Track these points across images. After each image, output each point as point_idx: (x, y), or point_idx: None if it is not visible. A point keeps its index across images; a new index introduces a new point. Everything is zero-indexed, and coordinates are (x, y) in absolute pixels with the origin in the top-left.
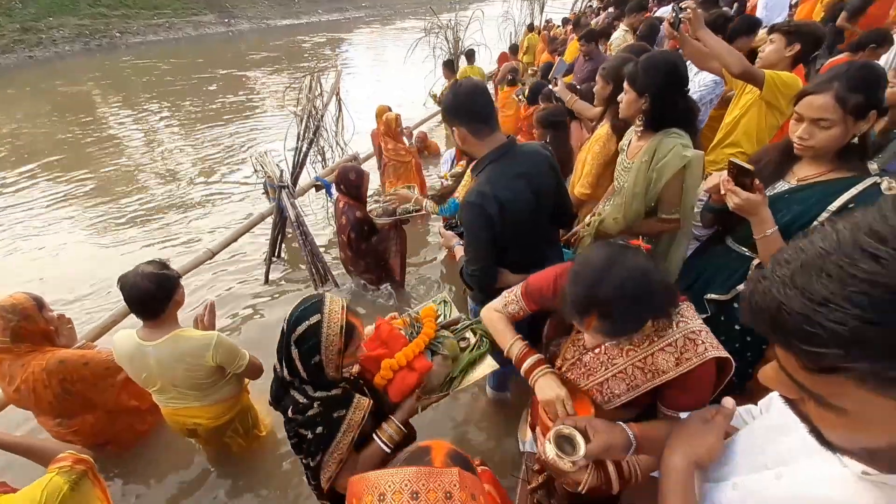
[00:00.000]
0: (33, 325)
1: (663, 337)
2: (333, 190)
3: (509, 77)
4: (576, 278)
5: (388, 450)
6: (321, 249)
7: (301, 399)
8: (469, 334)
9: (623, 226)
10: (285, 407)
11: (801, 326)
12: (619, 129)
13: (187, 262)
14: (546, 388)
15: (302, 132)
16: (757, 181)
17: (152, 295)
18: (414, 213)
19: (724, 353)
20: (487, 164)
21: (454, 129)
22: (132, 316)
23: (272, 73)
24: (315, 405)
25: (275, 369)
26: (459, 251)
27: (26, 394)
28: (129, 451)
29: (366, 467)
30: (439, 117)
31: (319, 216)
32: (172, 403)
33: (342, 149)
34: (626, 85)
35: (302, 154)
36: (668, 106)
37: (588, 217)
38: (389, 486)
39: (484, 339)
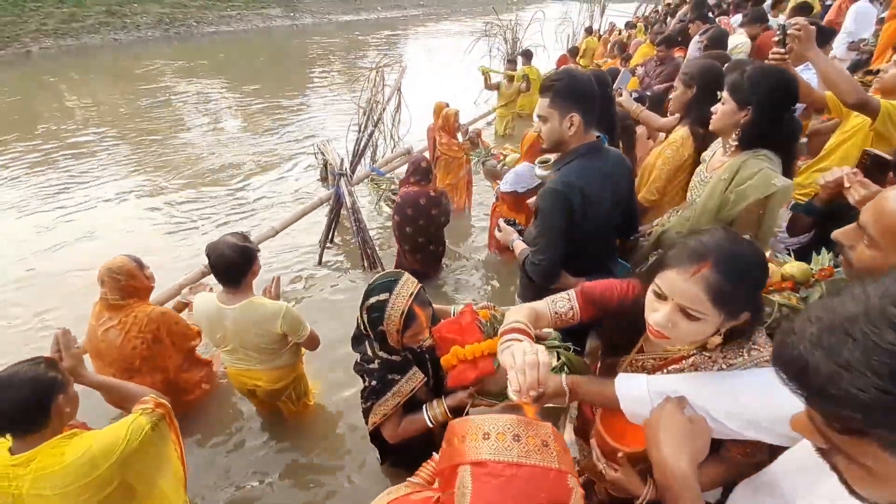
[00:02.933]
0: (138, 282)
1: (732, 365)
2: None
3: None
4: (695, 231)
5: (430, 424)
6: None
7: (368, 351)
8: (553, 356)
9: None
10: (360, 352)
11: (825, 387)
12: (699, 137)
13: (253, 238)
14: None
15: (364, 123)
16: (893, 174)
17: (236, 263)
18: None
19: None
20: (578, 157)
21: (567, 113)
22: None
23: (334, 67)
24: (375, 362)
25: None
26: (520, 246)
27: (114, 337)
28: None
29: (407, 431)
30: (490, 117)
31: (369, 208)
32: (239, 364)
33: (395, 142)
34: (725, 94)
35: (362, 144)
36: (772, 123)
37: (651, 225)
38: (493, 427)
39: (566, 367)
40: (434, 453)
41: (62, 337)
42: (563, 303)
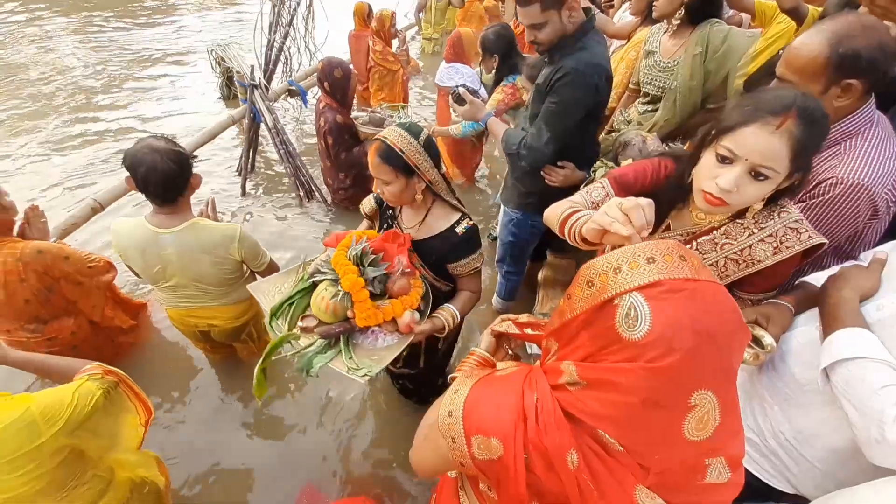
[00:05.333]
0: None
1: (764, 228)
2: (309, 97)
3: None
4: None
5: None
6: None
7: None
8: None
9: (676, 124)
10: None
11: None
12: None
13: None
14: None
15: (274, 22)
16: None
17: (175, 175)
18: None
19: (823, 239)
20: (585, 36)
21: (563, 4)
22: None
23: None
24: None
25: None
26: (500, 126)
27: None
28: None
29: None
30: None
31: (289, 128)
32: (186, 303)
33: (311, 54)
34: None
35: (276, 49)
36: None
37: (619, 125)
38: (654, 252)
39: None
40: (475, 348)
41: None
42: (599, 191)
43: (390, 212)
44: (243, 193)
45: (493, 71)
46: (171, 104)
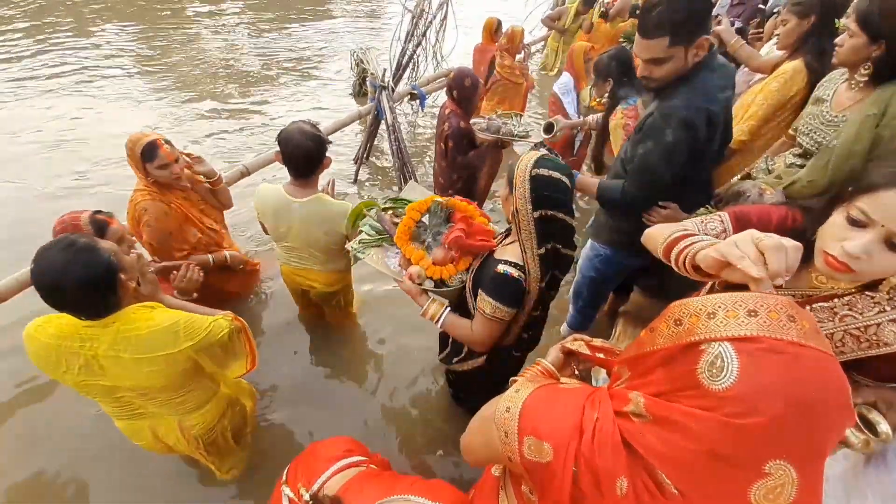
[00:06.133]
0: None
1: None
2: (427, 101)
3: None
4: None
5: None
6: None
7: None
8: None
9: (821, 189)
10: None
11: None
12: (815, 71)
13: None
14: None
15: (410, 32)
16: None
17: (313, 153)
18: (519, 137)
19: None
20: (696, 72)
21: (693, 41)
22: None
23: None
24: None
25: None
26: (593, 182)
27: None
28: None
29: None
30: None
31: (403, 127)
32: (296, 263)
33: (438, 62)
34: (853, 26)
35: (407, 56)
36: None
37: (757, 174)
38: (758, 304)
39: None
40: (541, 360)
41: (138, 263)
42: (715, 224)
43: None
44: (355, 180)
45: (606, 96)
46: (312, 95)
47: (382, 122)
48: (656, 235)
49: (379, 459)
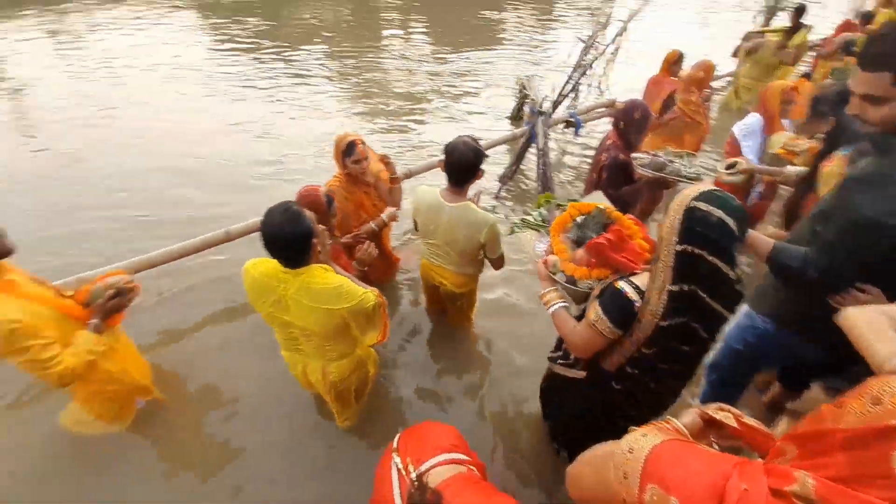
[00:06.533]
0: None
1: None
2: (582, 131)
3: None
4: None
5: None
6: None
7: None
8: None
9: None
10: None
11: None
12: None
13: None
14: None
15: (578, 63)
16: None
17: (472, 164)
18: (688, 180)
19: None
20: None
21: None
22: None
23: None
24: None
25: None
26: (766, 243)
27: None
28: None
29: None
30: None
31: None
32: (435, 259)
33: (601, 91)
34: None
35: (571, 85)
36: None
37: None
38: (886, 390)
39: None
40: (671, 418)
41: (321, 238)
42: None
43: None
44: (496, 196)
45: (821, 136)
46: (463, 119)
47: (534, 145)
48: (871, 324)
49: (478, 462)
